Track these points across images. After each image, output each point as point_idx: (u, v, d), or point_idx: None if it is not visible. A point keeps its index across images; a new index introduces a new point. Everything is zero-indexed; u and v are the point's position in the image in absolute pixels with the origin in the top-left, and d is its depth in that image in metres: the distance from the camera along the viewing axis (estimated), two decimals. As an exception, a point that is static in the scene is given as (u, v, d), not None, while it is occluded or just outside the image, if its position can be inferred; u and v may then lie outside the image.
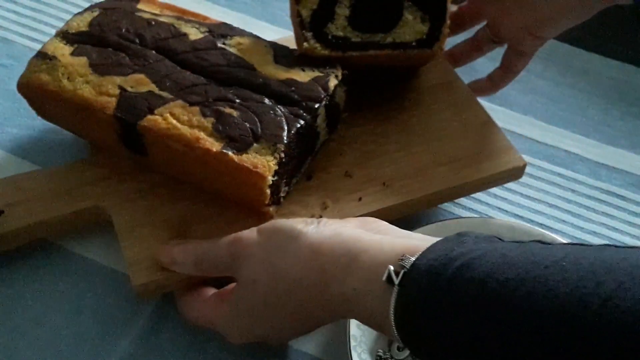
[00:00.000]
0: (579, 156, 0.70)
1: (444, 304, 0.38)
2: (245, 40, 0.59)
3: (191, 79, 0.56)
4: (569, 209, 0.66)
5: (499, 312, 0.36)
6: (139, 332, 0.54)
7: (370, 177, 0.58)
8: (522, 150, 0.67)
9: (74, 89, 0.55)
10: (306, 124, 0.54)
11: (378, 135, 0.62)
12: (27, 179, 0.58)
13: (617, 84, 0.76)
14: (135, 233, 0.54)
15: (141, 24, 0.59)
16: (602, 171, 0.69)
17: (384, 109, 0.64)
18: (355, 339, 0.52)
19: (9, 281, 0.56)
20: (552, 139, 0.71)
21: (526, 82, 0.75)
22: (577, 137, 0.71)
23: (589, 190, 0.67)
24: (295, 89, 0.55)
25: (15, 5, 0.76)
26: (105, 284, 0.57)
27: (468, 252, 0.39)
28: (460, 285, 0.37)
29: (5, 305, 0.55)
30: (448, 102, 0.65)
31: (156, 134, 0.53)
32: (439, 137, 0.62)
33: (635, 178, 0.68)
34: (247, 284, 0.48)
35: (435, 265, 0.39)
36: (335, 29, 0.57)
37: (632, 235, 0.64)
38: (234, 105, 0.54)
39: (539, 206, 0.66)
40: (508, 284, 0.36)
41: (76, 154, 0.62)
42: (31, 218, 0.55)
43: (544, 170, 0.68)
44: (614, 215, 0.66)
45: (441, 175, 0.59)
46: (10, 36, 0.73)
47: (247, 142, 0.52)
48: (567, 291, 0.34)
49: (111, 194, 0.57)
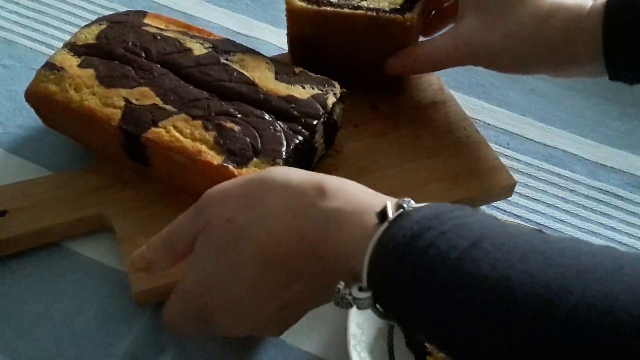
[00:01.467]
0: (577, 156, 0.70)
1: (429, 252, 0.36)
2: (248, 57, 0.61)
3: (194, 93, 0.58)
4: (567, 209, 0.66)
5: (485, 274, 0.34)
6: (139, 332, 0.55)
7: (364, 192, 0.60)
8: (520, 151, 0.70)
9: (80, 100, 0.57)
10: (304, 140, 0.56)
11: (373, 151, 0.64)
12: (32, 185, 0.60)
13: (615, 85, 0.75)
14: (136, 241, 0.56)
15: (147, 38, 0.61)
16: (600, 171, 0.69)
17: (379, 125, 0.66)
18: (355, 337, 0.53)
19: (10, 281, 0.57)
20: (550, 140, 0.71)
21: (525, 83, 0.76)
22: (575, 138, 0.72)
23: (587, 190, 0.68)
24: (295, 105, 0.57)
25: (16, 7, 0.77)
26: (106, 283, 0.57)
27: (466, 215, 0.38)
28: (451, 240, 0.36)
29: (7, 304, 0.56)
30: (442, 120, 0.67)
31: (159, 146, 0.55)
32: (431, 154, 0.64)
33: (633, 178, 0.69)
34: (220, 223, 0.43)
35: (430, 218, 0.38)
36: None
37: (630, 235, 0.65)
38: (235, 120, 0.56)
39: (537, 206, 0.66)
40: (502, 248, 0.35)
41: (78, 154, 0.64)
42: (35, 224, 0.57)
43: (542, 170, 0.69)
44: (612, 215, 0.66)
45: (433, 192, 0.61)
46: (11, 37, 0.74)
47: (247, 157, 0.54)
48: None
49: (113, 202, 0.59)
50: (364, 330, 0.54)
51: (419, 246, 0.37)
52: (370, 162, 0.63)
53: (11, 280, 0.57)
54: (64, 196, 0.59)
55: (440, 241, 0.36)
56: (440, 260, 0.36)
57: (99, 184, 0.60)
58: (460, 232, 0.37)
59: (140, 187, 0.60)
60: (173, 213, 0.58)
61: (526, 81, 0.76)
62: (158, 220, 0.57)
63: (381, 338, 0.55)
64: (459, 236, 0.36)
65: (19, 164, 0.63)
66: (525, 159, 0.65)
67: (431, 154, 0.64)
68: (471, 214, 0.39)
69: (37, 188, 0.59)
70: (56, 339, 0.54)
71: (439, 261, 0.36)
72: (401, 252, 0.37)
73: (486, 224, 0.38)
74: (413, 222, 0.38)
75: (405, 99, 0.69)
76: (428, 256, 0.36)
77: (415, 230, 0.37)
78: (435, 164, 0.63)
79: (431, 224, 0.37)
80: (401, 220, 0.38)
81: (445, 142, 0.65)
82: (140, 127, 0.56)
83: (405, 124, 0.66)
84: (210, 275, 0.45)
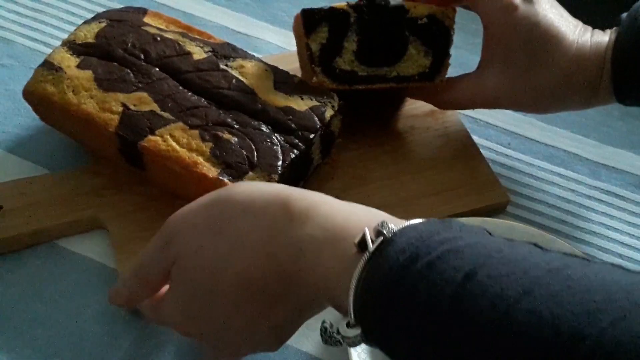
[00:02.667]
0: (578, 156, 0.70)
1: (421, 288, 0.34)
2: (247, 64, 0.61)
3: (192, 100, 0.58)
4: (569, 209, 0.66)
5: (486, 314, 0.32)
6: (139, 332, 0.55)
7: (359, 204, 0.61)
8: (521, 150, 0.70)
9: (78, 103, 0.57)
10: (301, 153, 0.56)
11: (369, 160, 0.64)
12: (29, 184, 0.60)
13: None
14: (130, 247, 0.57)
15: (147, 40, 0.61)
16: (601, 171, 0.69)
17: (376, 134, 0.66)
18: None
19: (9, 281, 0.57)
20: (551, 139, 0.71)
21: None
22: (577, 137, 0.72)
23: (588, 190, 0.68)
24: (292, 117, 0.57)
25: (15, 6, 0.76)
26: (105, 283, 0.57)
27: (455, 238, 0.35)
28: (443, 272, 0.34)
29: (5, 305, 0.56)
30: (439, 131, 0.67)
31: (155, 154, 0.55)
32: (427, 167, 0.64)
33: (635, 178, 0.69)
34: (190, 254, 0.42)
35: (416, 245, 0.35)
36: (343, 63, 0.59)
37: (632, 236, 0.65)
38: (232, 131, 0.56)
39: (538, 206, 0.66)
40: (501, 281, 0.32)
41: (76, 154, 0.64)
42: (31, 225, 0.58)
43: (543, 170, 0.69)
44: (613, 215, 0.66)
45: (426, 206, 0.61)
46: (10, 36, 0.73)
47: (243, 170, 0.54)
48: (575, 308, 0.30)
49: (108, 204, 0.59)
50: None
51: (409, 282, 0.34)
52: (366, 172, 0.63)
53: (9, 280, 0.57)
54: (61, 197, 0.59)
55: (431, 274, 0.34)
56: (435, 297, 0.33)
57: (95, 186, 0.60)
58: (451, 260, 0.34)
59: (136, 190, 0.60)
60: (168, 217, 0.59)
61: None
62: (152, 226, 0.58)
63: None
64: (450, 267, 0.34)
65: (16, 162, 0.63)
66: (526, 159, 0.65)
67: (427, 166, 0.64)
68: (460, 234, 0.36)
69: (34, 187, 0.60)
70: (54, 340, 0.55)
71: (434, 300, 0.33)
72: (390, 288, 0.35)
73: (478, 248, 0.35)
74: (398, 251, 0.35)
75: (403, 107, 0.69)
76: (420, 294, 0.34)
77: (402, 261, 0.35)
78: (431, 177, 0.63)
79: (418, 251, 0.35)
80: (384, 248, 0.36)
81: (441, 154, 0.65)
82: (137, 135, 0.56)
83: (403, 133, 0.67)
84: (191, 307, 0.44)
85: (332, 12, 0.58)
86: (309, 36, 0.58)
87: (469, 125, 0.70)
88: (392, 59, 0.60)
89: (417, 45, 0.60)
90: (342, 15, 0.58)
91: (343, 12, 0.58)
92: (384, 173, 0.63)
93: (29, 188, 0.60)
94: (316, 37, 0.58)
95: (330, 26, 0.58)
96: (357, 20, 0.58)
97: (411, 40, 0.59)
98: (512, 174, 0.68)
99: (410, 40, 0.59)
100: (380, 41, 0.59)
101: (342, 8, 0.58)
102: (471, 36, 0.79)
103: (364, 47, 0.59)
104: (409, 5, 0.58)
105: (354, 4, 0.58)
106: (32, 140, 0.65)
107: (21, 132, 0.66)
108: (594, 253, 0.63)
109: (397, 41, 0.59)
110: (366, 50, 0.59)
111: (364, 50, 0.59)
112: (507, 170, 0.68)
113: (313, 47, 0.58)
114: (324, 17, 0.58)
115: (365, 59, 0.59)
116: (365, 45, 0.59)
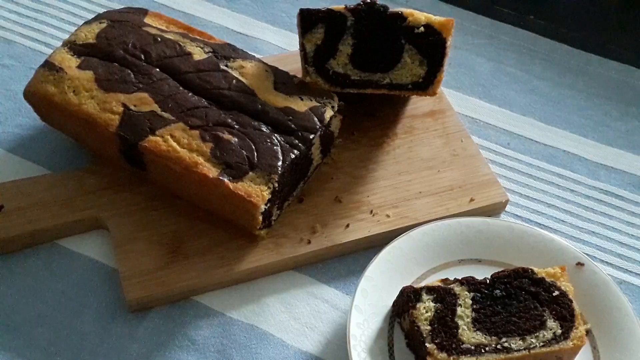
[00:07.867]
0: (577, 156, 0.71)
1: None
2: (248, 64, 0.61)
3: (193, 101, 0.58)
4: (568, 209, 0.67)
5: None
6: (139, 332, 0.56)
7: (358, 204, 0.61)
8: (521, 151, 0.70)
9: (79, 103, 0.57)
10: (301, 154, 0.56)
11: (369, 160, 0.64)
12: (30, 184, 0.60)
13: (616, 85, 0.77)
14: (130, 247, 0.57)
15: (147, 40, 0.61)
16: (600, 171, 0.70)
17: (376, 134, 0.66)
18: (355, 337, 0.53)
19: (10, 281, 0.58)
20: (551, 140, 0.72)
21: (526, 83, 0.76)
22: (576, 138, 0.72)
23: (587, 190, 0.68)
24: (292, 118, 0.57)
25: (16, 6, 0.76)
26: (105, 283, 0.58)
27: None
28: None
29: (6, 304, 0.56)
30: (439, 131, 0.67)
31: (156, 155, 0.55)
32: (426, 167, 0.64)
33: (633, 178, 0.69)
34: None
35: None
36: (337, 65, 0.59)
37: (631, 235, 0.65)
38: (233, 132, 0.56)
39: (537, 206, 0.66)
40: None
41: (77, 154, 0.64)
42: (32, 225, 0.58)
43: (542, 170, 0.69)
44: (612, 215, 0.67)
45: (426, 206, 0.61)
46: (11, 37, 0.74)
47: (243, 170, 0.54)
48: None
49: (109, 204, 0.59)
50: (364, 330, 0.54)
51: None
52: (366, 172, 0.63)
53: (10, 280, 0.58)
54: (61, 197, 0.59)
55: None
56: None
57: (95, 186, 0.60)
58: None
59: (136, 190, 0.60)
60: (168, 217, 0.59)
61: (527, 81, 0.76)
62: (152, 226, 0.59)
63: (381, 338, 0.55)
64: None
65: (17, 162, 0.63)
66: (525, 159, 0.65)
67: (426, 166, 0.64)
68: None
69: (35, 187, 0.60)
70: (55, 340, 0.55)
71: None
72: None
73: None
74: None
75: (403, 108, 0.69)
76: None
77: None
78: (430, 177, 0.64)
79: None
80: None
81: (441, 154, 0.65)
82: (137, 135, 0.56)
83: (402, 133, 0.67)
84: None
85: (330, 14, 0.58)
86: (304, 36, 0.58)
87: (469, 126, 0.70)
88: (386, 65, 0.60)
89: (412, 54, 0.59)
90: (339, 18, 0.58)
91: (340, 14, 0.58)
92: (383, 173, 0.64)
93: (30, 188, 0.60)
94: (312, 37, 0.58)
95: (326, 28, 0.58)
96: (354, 24, 0.58)
97: (407, 48, 0.59)
98: (511, 174, 0.68)
99: (406, 48, 0.59)
100: (375, 47, 0.59)
101: (340, 11, 0.58)
102: (471, 36, 0.79)
103: (358, 52, 0.59)
104: (407, 13, 0.58)
105: (353, 7, 0.58)
106: (32, 140, 0.65)
107: (22, 132, 0.66)
108: (593, 253, 0.63)
109: (392, 48, 0.59)
110: (361, 54, 0.59)
111: (358, 54, 0.59)
112: (506, 170, 0.68)
113: (307, 47, 0.59)
114: (321, 18, 0.58)
115: (360, 64, 0.59)
116: (360, 50, 0.59)
